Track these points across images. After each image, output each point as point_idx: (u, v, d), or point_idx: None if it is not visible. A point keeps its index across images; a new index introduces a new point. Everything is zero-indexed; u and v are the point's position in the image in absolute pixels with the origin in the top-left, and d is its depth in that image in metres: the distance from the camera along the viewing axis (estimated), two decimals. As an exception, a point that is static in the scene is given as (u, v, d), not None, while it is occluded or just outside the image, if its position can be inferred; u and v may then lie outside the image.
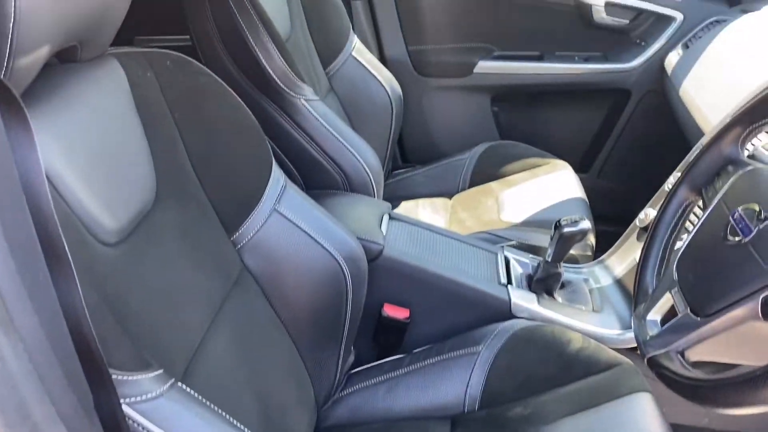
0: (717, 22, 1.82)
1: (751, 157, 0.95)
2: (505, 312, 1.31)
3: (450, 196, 1.93)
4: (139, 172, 0.90)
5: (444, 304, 1.31)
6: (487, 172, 1.92)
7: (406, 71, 2.05)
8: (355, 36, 1.85)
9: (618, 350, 1.28)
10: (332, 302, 1.18)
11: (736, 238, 0.80)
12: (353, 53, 1.83)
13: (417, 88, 2.06)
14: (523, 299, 1.32)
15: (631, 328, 1.29)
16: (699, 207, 1.01)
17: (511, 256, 1.45)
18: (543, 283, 1.37)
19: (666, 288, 0.90)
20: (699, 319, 0.81)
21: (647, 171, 2.07)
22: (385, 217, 1.42)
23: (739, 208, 0.82)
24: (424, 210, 1.86)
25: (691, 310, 0.83)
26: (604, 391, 1.13)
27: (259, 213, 1.08)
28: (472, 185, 1.92)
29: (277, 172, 1.13)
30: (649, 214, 1.40)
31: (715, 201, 0.90)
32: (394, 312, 1.31)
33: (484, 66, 2.05)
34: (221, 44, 1.39)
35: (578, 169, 1.89)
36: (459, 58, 2.07)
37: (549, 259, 1.35)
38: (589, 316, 1.33)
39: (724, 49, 1.67)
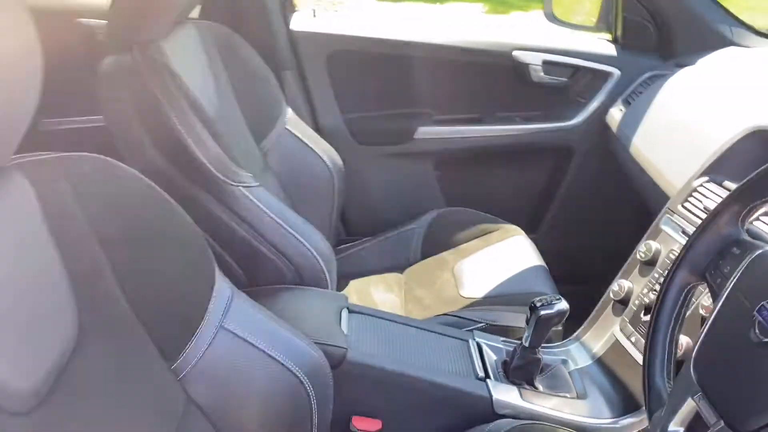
0: (655, 77, 1.81)
1: (754, 237, 0.88)
2: (487, 410, 1.18)
3: (402, 269, 1.80)
4: (55, 312, 0.72)
5: (420, 410, 1.17)
6: (438, 242, 1.81)
7: (344, 140, 1.94)
8: (288, 108, 1.73)
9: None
10: (295, 425, 1.02)
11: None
12: (288, 126, 1.70)
13: (356, 157, 1.95)
14: (505, 394, 1.20)
15: (621, 415, 1.19)
16: (702, 289, 0.93)
17: (482, 342, 1.33)
18: (521, 371, 1.26)
19: (685, 393, 0.79)
20: (742, 435, 0.70)
21: (596, 229, 2.03)
22: (344, 313, 1.27)
23: (766, 303, 0.73)
24: (377, 289, 1.73)
25: (726, 423, 0.72)
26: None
27: (202, 333, 0.91)
28: (424, 256, 1.80)
29: (221, 282, 0.97)
30: (623, 285, 1.32)
31: (728, 290, 0.81)
32: (365, 425, 1.15)
33: (424, 131, 1.97)
34: (143, 129, 1.23)
35: (526, 230, 1.81)
36: (398, 125, 1.98)
37: (526, 344, 1.24)
38: (575, 405, 1.22)
39: (667, 104, 1.65)
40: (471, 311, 1.48)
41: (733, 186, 1.25)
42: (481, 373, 1.23)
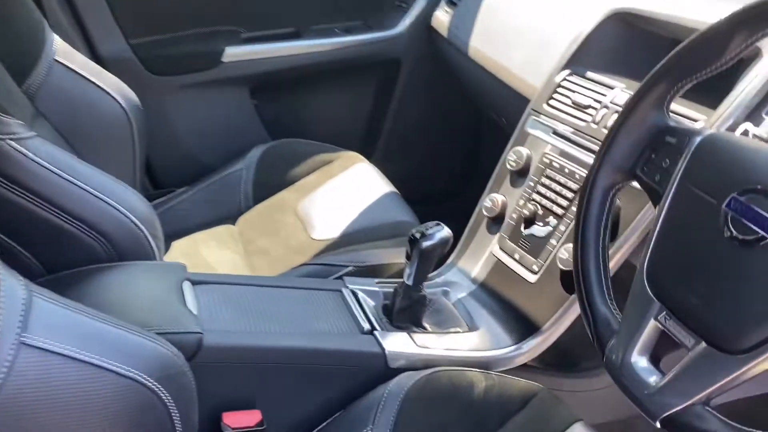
0: (477, -28, 1.67)
1: (679, 121, 0.77)
2: (381, 368, 1.00)
3: (233, 219, 1.53)
4: None
5: (304, 386, 0.96)
6: (272, 182, 1.56)
7: (134, 72, 1.57)
8: (54, 34, 1.32)
9: (514, 372, 1.07)
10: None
11: (752, 237, 0.60)
12: (57, 58, 1.30)
13: (152, 91, 1.59)
14: (396, 344, 1.02)
15: (522, 340, 1.09)
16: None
17: (356, 288, 1.14)
18: (407, 314, 1.09)
19: (642, 314, 0.68)
20: (732, 356, 0.59)
21: (438, 143, 1.91)
22: (186, 286, 1.00)
23: (737, 196, 0.62)
24: (208, 248, 1.44)
25: (710, 343, 0.61)
26: (537, 436, 0.91)
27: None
28: (257, 201, 1.54)
29: (9, 281, 0.65)
30: (495, 200, 1.19)
31: (674, 186, 0.69)
32: (240, 421, 0.91)
33: (233, 53, 1.66)
34: None
35: (366, 155, 1.63)
36: (199, 47, 1.65)
37: (410, 282, 1.07)
38: (471, 339, 1.09)
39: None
40: (333, 255, 1.27)
41: (598, 76, 1.16)
42: (367, 326, 1.04)
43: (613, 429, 1.23)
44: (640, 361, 0.67)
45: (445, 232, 1.05)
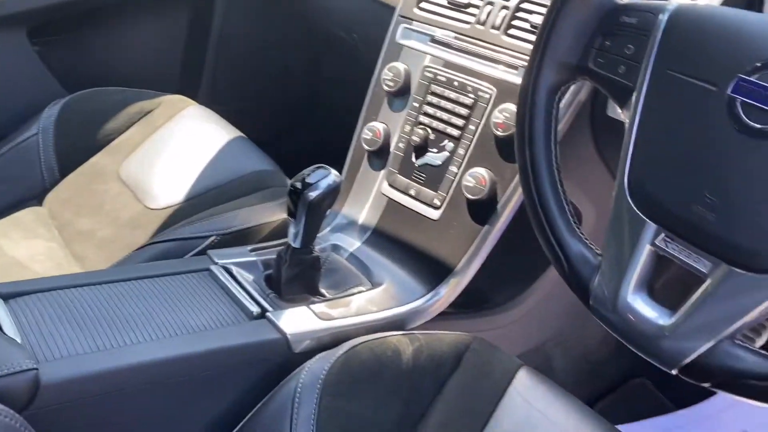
0: None
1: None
2: (285, 355, 0.80)
3: (38, 200, 1.20)
4: None
5: (193, 402, 0.73)
6: (79, 145, 1.23)
7: None
8: None
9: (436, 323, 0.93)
10: None
11: (765, 126, 0.47)
12: None
13: None
14: (297, 323, 0.83)
15: (435, 286, 0.94)
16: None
17: (228, 263, 0.91)
18: (300, 283, 0.89)
19: (637, 241, 0.54)
20: (766, 275, 0.48)
21: (274, 73, 1.65)
22: (-4, 305, 0.71)
23: (746, 76, 0.49)
24: (11, 240, 1.11)
25: (733, 264, 0.49)
26: (484, 392, 0.78)
27: None
28: (65, 172, 1.22)
29: None
30: (376, 129, 1.01)
31: (648, 76, 0.55)
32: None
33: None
34: None
35: (195, 97, 1.36)
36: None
37: (298, 244, 0.86)
38: (378, 296, 0.92)
39: None
40: (184, 227, 1.01)
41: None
42: (254, 308, 0.83)
43: (533, 359, 1.15)
44: (638, 299, 0.54)
45: (332, 176, 0.85)
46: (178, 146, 1.21)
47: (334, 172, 0.85)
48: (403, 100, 1.01)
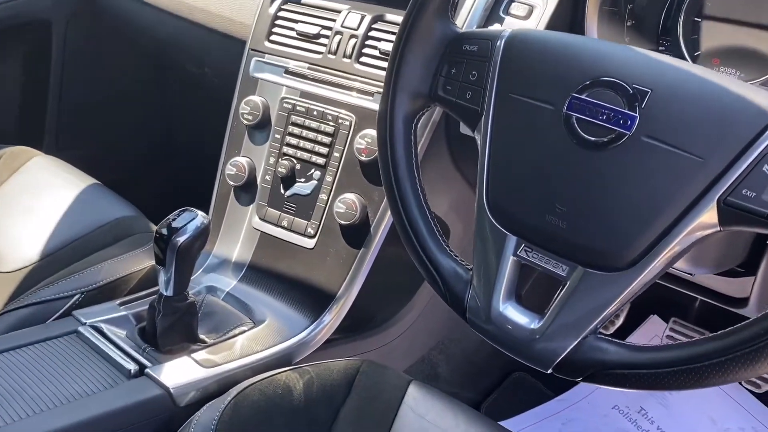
0: None
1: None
2: (169, 411, 0.77)
3: None
4: None
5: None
6: None
7: None
8: None
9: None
10: None
11: (607, 138, 0.52)
12: None
13: None
14: (178, 375, 0.80)
15: (319, 314, 0.94)
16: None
17: (96, 321, 0.86)
18: (177, 332, 0.86)
19: (501, 254, 0.57)
20: (616, 274, 0.52)
21: (127, 112, 1.58)
22: None
23: (578, 94, 0.54)
24: None
25: (587, 266, 0.54)
26: (378, 413, 0.79)
27: None
28: None
29: None
30: (240, 164, 0.99)
31: (493, 100, 0.59)
32: None
33: None
34: None
35: (48, 149, 1.28)
36: None
37: (170, 293, 0.83)
38: (262, 334, 0.90)
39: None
40: (44, 289, 0.94)
41: (318, 0, 1.02)
42: (131, 365, 0.79)
43: (421, 369, 1.18)
44: (509, 307, 0.58)
45: (200, 218, 0.83)
46: (27, 200, 1.13)
47: (200, 213, 0.83)
48: (265, 132, 1.00)
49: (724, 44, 0.84)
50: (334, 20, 0.98)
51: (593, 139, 0.54)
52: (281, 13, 1.02)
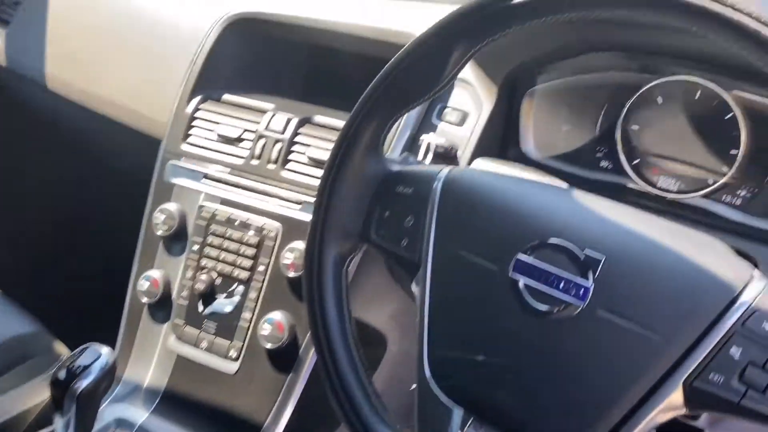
0: None
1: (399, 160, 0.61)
2: None
3: None
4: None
5: None
6: None
7: None
8: None
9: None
10: None
11: (559, 308, 0.47)
12: None
13: None
14: None
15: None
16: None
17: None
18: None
19: (445, 427, 0.50)
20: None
21: (28, 209, 1.43)
22: None
23: (524, 256, 0.48)
24: None
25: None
26: None
27: None
28: None
29: None
30: (154, 279, 0.90)
31: (431, 252, 0.53)
32: None
33: None
34: None
35: None
36: None
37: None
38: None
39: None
40: None
41: (241, 99, 0.95)
42: None
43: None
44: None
45: (104, 357, 0.73)
46: None
47: (105, 350, 0.73)
48: (181, 243, 0.91)
49: (663, 154, 0.82)
50: (257, 122, 0.91)
51: (543, 308, 0.48)
52: (199, 113, 0.94)
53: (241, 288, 0.88)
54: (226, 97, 0.95)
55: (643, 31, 0.72)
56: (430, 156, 0.85)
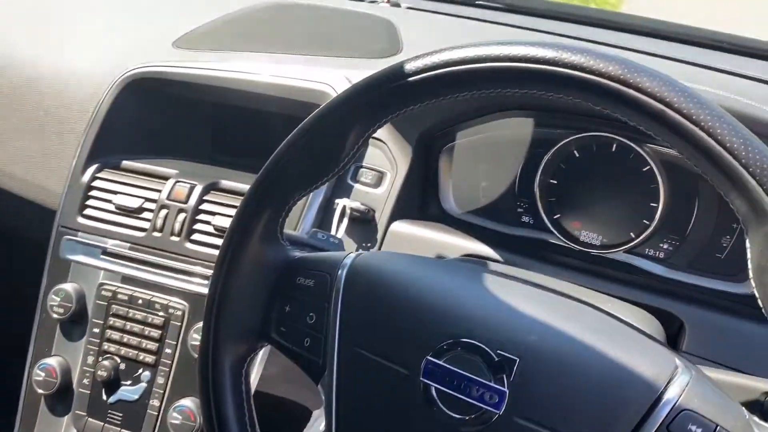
0: None
1: (294, 242, 0.55)
2: None
3: None
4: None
5: None
6: None
7: None
8: None
9: None
10: None
11: (474, 416, 0.42)
12: None
13: None
14: None
15: None
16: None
17: None
18: None
19: None
20: None
21: None
22: None
23: (434, 358, 0.44)
24: None
25: None
26: None
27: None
28: None
29: None
30: (51, 367, 0.81)
31: (336, 354, 0.47)
32: None
33: None
34: None
35: None
36: None
37: None
38: None
39: None
40: None
41: (140, 165, 0.89)
42: None
43: None
44: None
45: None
46: None
47: None
48: (80, 326, 0.83)
49: (584, 208, 0.80)
50: (159, 190, 0.84)
51: (457, 416, 0.44)
52: (96, 183, 0.87)
53: (147, 373, 0.81)
54: (126, 163, 0.88)
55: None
56: (345, 222, 0.81)
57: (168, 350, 0.80)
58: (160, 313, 0.81)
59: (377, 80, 0.47)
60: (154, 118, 0.92)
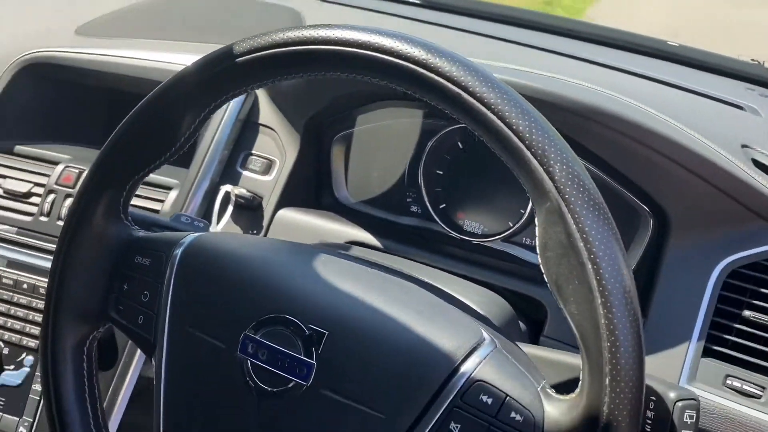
0: None
1: (141, 222, 0.56)
2: None
3: None
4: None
5: None
6: None
7: None
8: None
9: None
10: None
11: (284, 388, 0.43)
12: None
13: None
14: None
15: None
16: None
17: None
18: None
19: None
20: None
21: None
22: None
23: (251, 333, 0.44)
24: None
25: None
26: None
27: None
28: None
29: None
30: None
31: (166, 330, 0.48)
32: None
33: None
34: None
35: None
36: None
37: None
38: None
39: None
40: None
41: (32, 150, 0.89)
42: None
43: None
44: None
45: None
46: None
47: None
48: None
49: (468, 197, 0.81)
50: (48, 175, 0.84)
51: (269, 389, 0.45)
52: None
53: (30, 359, 0.80)
54: (19, 148, 0.88)
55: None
56: (230, 208, 0.81)
57: (51, 335, 0.80)
58: (45, 298, 0.80)
59: (206, 62, 0.47)
60: (50, 103, 0.92)
